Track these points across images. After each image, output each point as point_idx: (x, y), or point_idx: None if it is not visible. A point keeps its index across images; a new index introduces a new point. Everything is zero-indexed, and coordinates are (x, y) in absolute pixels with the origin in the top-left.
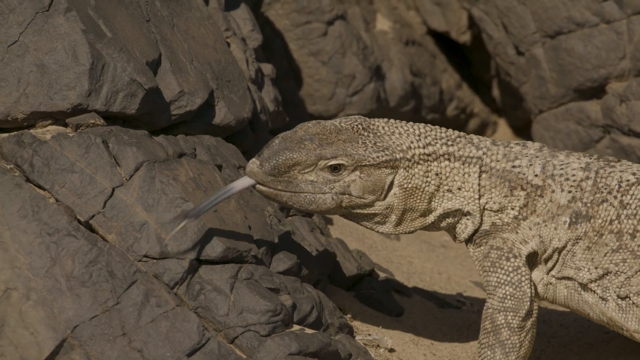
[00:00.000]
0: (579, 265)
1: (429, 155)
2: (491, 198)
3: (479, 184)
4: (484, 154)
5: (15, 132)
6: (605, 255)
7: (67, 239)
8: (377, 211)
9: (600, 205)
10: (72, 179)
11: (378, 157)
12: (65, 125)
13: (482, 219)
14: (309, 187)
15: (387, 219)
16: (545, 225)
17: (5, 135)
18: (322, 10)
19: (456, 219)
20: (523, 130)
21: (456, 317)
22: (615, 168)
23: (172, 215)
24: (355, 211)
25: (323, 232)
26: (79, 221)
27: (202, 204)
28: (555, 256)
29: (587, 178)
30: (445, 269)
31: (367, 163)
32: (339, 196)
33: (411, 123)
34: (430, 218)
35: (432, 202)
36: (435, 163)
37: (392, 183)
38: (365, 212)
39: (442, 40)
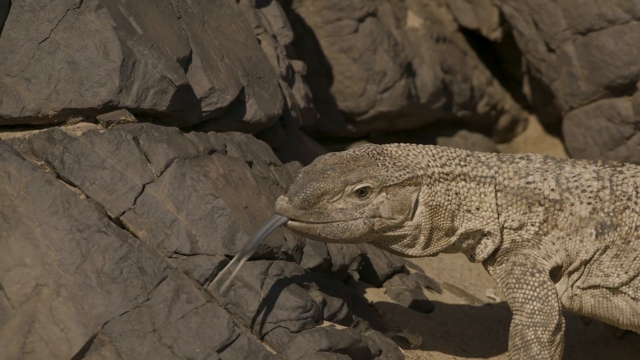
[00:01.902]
0: (607, 272)
1: (447, 174)
2: (509, 216)
3: (497, 204)
4: (495, 172)
5: (46, 129)
6: (634, 260)
7: (98, 235)
8: (407, 232)
9: (623, 213)
10: (103, 176)
11: (401, 175)
12: (96, 122)
13: (502, 238)
14: (339, 215)
15: (416, 241)
16: (570, 239)
17: (36, 131)
18: (353, 7)
19: (476, 240)
20: (553, 127)
21: (486, 313)
22: (624, 173)
23: (203, 211)
24: (386, 234)
25: None
26: (110, 217)
27: (249, 246)
28: (582, 268)
29: (604, 187)
30: (476, 265)
31: (392, 183)
32: (371, 220)
33: (421, 145)
34: (454, 238)
35: (455, 221)
36: (454, 183)
37: (417, 202)
38: (396, 234)
39: (473, 37)
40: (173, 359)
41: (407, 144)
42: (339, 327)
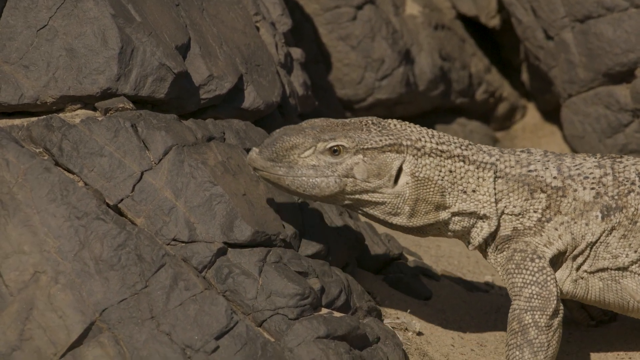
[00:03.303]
0: (616, 253)
1: (442, 151)
2: (510, 202)
3: (495, 189)
4: (497, 160)
5: (45, 116)
6: None
7: (96, 222)
8: (386, 199)
9: (628, 196)
10: (101, 163)
11: (381, 140)
12: (95, 109)
13: (499, 223)
14: (310, 171)
15: (399, 210)
16: (575, 223)
17: (35, 119)
18: None
19: (472, 222)
20: (552, 115)
21: (484, 300)
22: (624, 162)
23: (201, 199)
24: (362, 198)
25: (351, 216)
26: (108, 205)
27: None
28: (587, 251)
29: (606, 174)
30: (474, 253)
31: (370, 146)
32: (342, 179)
33: (426, 128)
34: (444, 214)
35: (446, 198)
36: (449, 161)
37: (401, 171)
38: (373, 199)
39: (472, 24)
40: (171, 346)
41: (412, 123)
42: (337, 314)
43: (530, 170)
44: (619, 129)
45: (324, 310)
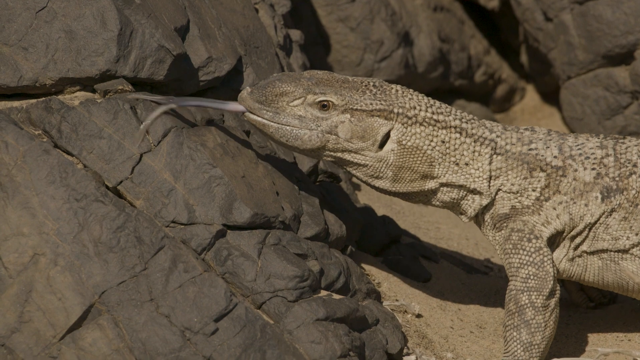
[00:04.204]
0: (616, 235)
1: (437, 121)
2: (508, 180)
3: (490, 166)
4: (497, 136)
5: (44, 98)
6: None
7: (95, 204)
8: (367, 162)
9: (629, 178)
10: (100, 145)
11: (372, 104)
12: (94, 91)
13: (495, 201)
14: (295, 121)
15: (381, 174)
16: (574, 203)
17: (34, 101)
18: None
19: (461, 195)
20: (551, 96)
21: (483, 282)
22: (627, 143)
23: (200, 181)
24: (343, 157)
25: (351, 198)
26: (107, 187)
27: (186, 100)
28: (586, 232)
29: (607, 155)
30: (473, 234)
31: (359, 107)
32: (325, 135)
33: (429, 97)
34: (432, 184)
35: (435, 169)
36: (444, 131)
37: (388, 137)
38: (355, 160)
39: (471, 6)
40: (170, 329)
41: (416, 92)
42: (336, 296)
43: (530, 149)
44: (618, 110)
45: (323, 293)
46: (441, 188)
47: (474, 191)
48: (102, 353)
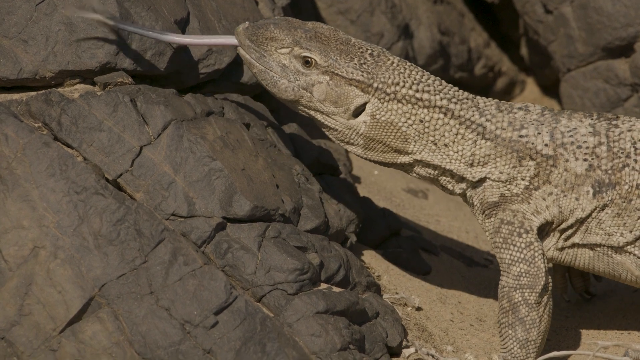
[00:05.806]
0: (610, 231)
1: (419, 99)
2: (496, 168)
3: (475, 150)
4: (487, 120)
5: (44, 91)
6: (639, 219)
7: (95, 197)
8: (337, 127)
9: (622, 171)
10: (100, 138)
11: (352, 73)
12: (94, 83)
13: (484, 186)
14: (278, 68)
15: (352, 141)
16: (565, 196)
17: (34, 93)
18: None
19: (437, 173)
20: (551, 89)
21: (483, 275)
22: (620, 127)
23: (200, 173)
24: (315, 116)
25: (351, 191)
26: (107, 180)
27: (163, 33)
28: (577, 225)
29: (600, 144)
30: (473, 227)
31: (339, 73)
32: (301, 90)
33: (428, 74)
34: (405, 159)
35: (411, 145)
36: (425, 110)
37: (363, 108)
38: (325, 122)
39: None
40: (170, 321)
41: (415, 66)
42: (336, 289)
43: (521, 136)
44: (618, 103)
45: (323, 286)
46: (416, 163)
47: (450, 173)
48: (102, 346)
